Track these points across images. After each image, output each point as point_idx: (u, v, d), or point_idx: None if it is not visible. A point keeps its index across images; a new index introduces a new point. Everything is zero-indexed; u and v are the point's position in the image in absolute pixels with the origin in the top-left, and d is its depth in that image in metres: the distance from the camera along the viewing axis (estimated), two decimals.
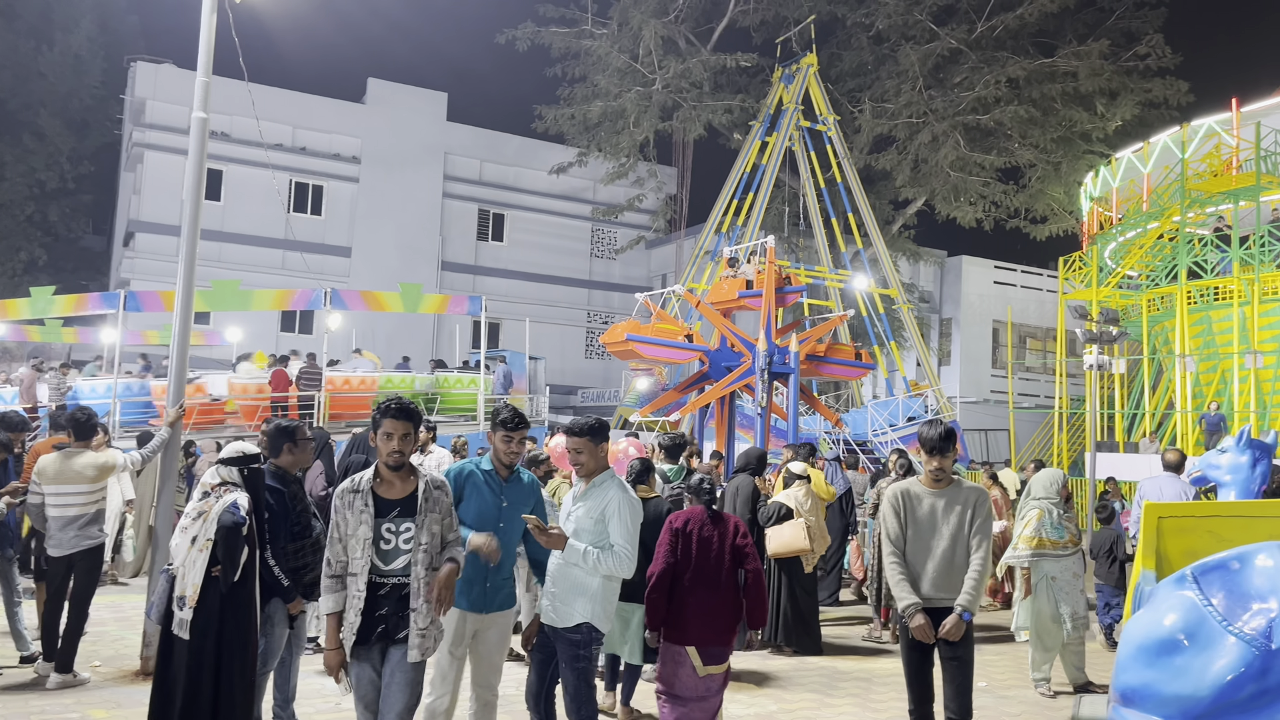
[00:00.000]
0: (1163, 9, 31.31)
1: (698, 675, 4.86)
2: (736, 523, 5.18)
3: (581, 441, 4.72)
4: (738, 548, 5.06)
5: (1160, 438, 22.98)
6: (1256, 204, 21.68)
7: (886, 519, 4.99)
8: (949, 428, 4.94)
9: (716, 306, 15.36)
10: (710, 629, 4.90)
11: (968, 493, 4.99)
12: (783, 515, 8.51)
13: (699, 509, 5.19)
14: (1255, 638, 3.41)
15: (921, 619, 4.79)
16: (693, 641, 4.88)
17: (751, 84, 33.78)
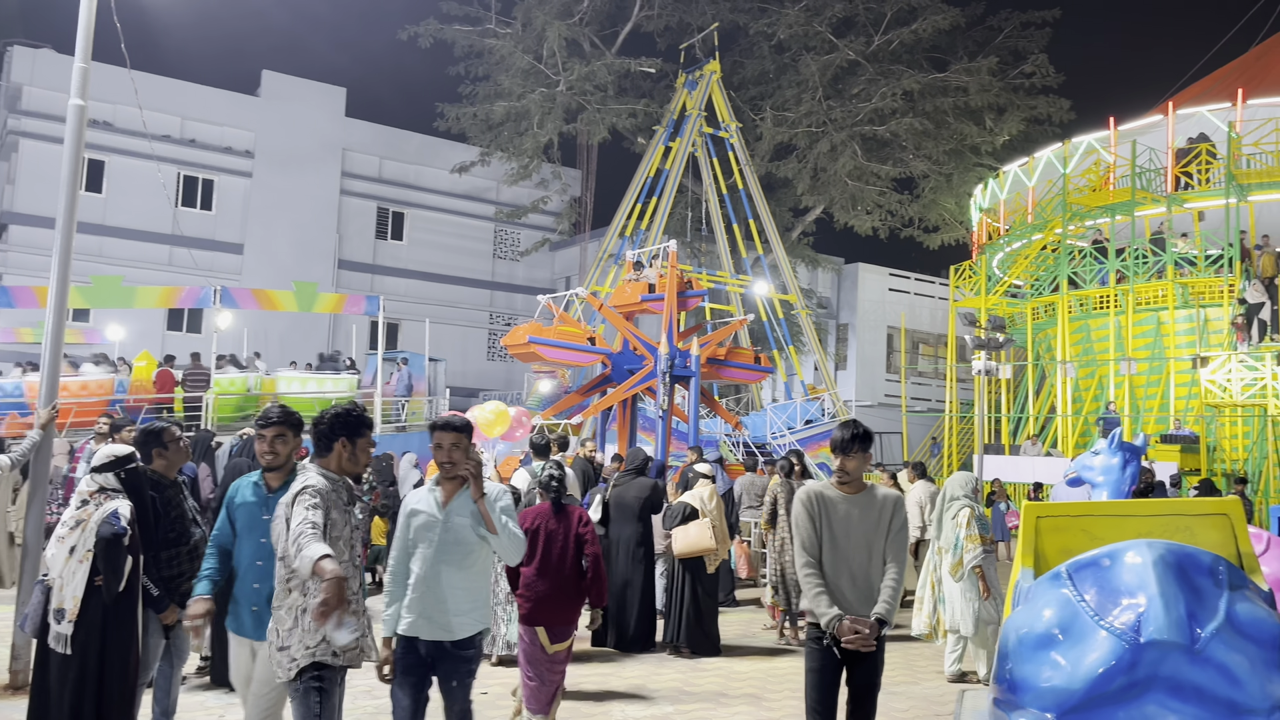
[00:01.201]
0: (1047, 30, 32.75)
1: (547, 652, 5.48)
2: (580, 514, 5.75)
3: (457, 436, 4.35)
4: (580, 536, 5.66)
5: (1043, 440, 23.98)
6: (1132, 219, 22.81)
7: (800, 523, 4.61)
8: (863, 429, 4.65)
9: (620, 310, 15.39)
10: (556, 611, 5.51)
11: (884, 499, 4.67)
12: (688, 515, 8.57)
13: (545, 505, 5.76)
14: (1125, 631, 3.57)
15: (848, 625, 4.39)
16: (542, 623, 5.47)
17: (655, 89, 34.01)
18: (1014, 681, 3.83)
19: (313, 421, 4.07)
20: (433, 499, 4.38)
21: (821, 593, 4.48)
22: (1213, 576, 3.65)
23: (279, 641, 3.85)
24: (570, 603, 5.58)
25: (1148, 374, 22.05)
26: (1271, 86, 22.75)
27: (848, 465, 4.62)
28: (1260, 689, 3.45)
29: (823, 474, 23.00)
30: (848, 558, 4.56)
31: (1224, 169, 21.33)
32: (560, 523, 5.67)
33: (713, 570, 8.54)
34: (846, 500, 4.64)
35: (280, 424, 4.38)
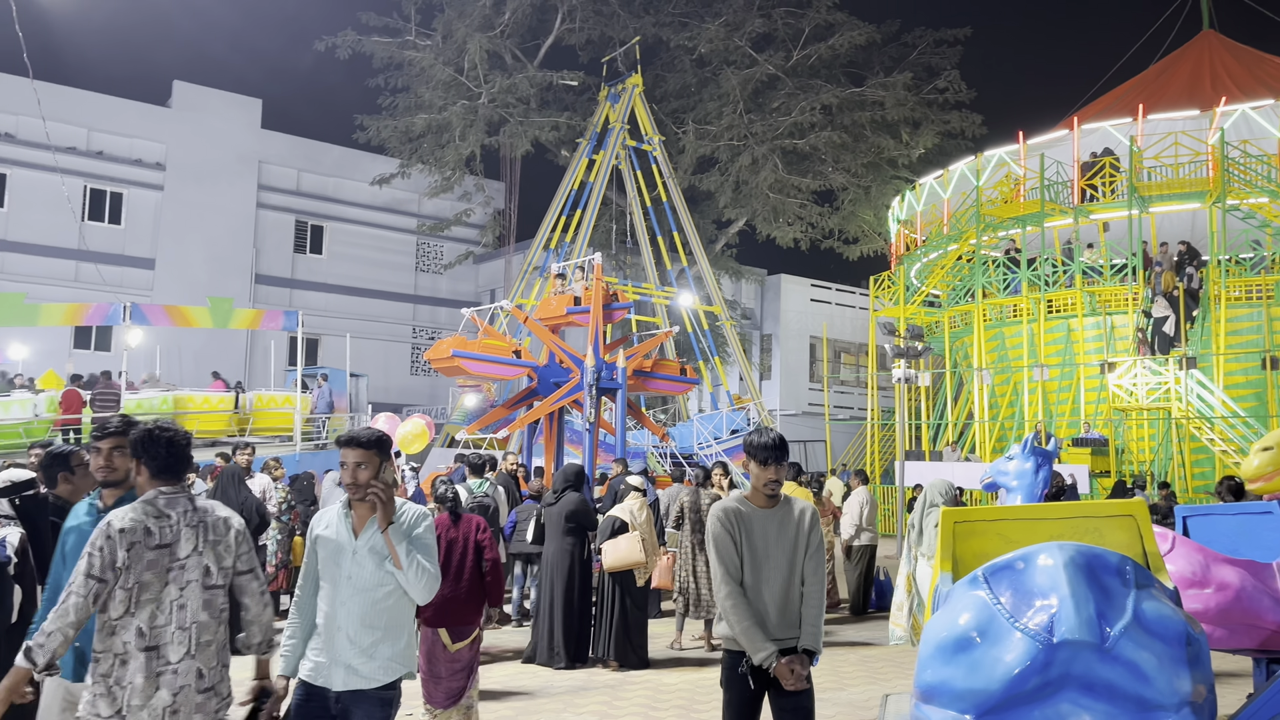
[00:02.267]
0: (959, 48, 33.74)
1: (449, 651, 5.88)
2: (478, 522, 6.22)
3: (365, 454, 3.76)
4: (478, 543, 6.14)
5: (961, 446, 24.57)
6: (1041, 229, 23.58)
7: (720, 544, 4.20)
8: (780, 435, 4.35)
9: (545, 322, 15.31)
10: (457, 613, 5.92)
11: (800, 511, 4.32)
12: (617, 529, 8.55)
13: (444, 516, 6.22)
14: (1039, 632, 3.66)
15: (785, 667, 4.05)
16: (443, 624, 5.88)
17: (578, 102, 34.06)
18: (933, 684, 3.89)
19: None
20: (344, 524, 3.79)
21: (753, 626, 4.07)
22: (1120, 576, 3.76)
23: (204, 683, 3.44)
24: (470, 605, 6.01)
25: (1059, 380, 22.76)
26: (1170, 102, 23.75)
27: (780, 475, 4.27)
28: (1168, 684, 3.56)
29: (749, 482, 23.21)
30: (768, 578, 4.19)
31: (1126, 181, 22.18)
32: (459, 531, 6.18)
33: (642, 583, 8.53)
34: (764, 515, 4.25)
35: (117, 435, 3.89)
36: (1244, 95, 22.91)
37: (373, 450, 3.76)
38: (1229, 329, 21.07)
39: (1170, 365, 20.09)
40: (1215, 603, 5.67)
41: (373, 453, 3.75)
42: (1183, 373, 19.96)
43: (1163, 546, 5.76)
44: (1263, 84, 23.82)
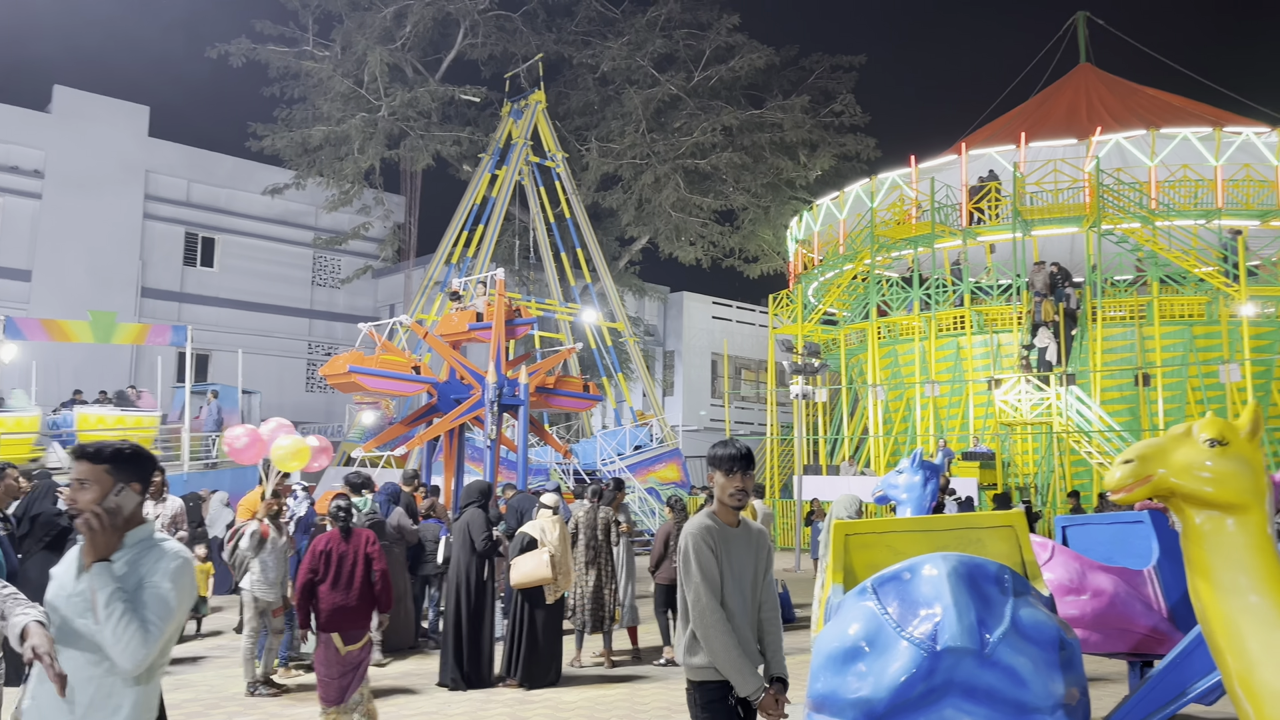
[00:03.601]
0: (854, 73, 34.78)
1: (340, 654, 6.46)
2: (368, 536, 6.84)
3: (92, 470, 2.92)
4: (368, 555, 6.75)
5: (858, 461, 25.17)
6: (932, 250, 24.43)
7: (706, 565, 3.95)
8: (746, 445, 4.13)
9: (446, 339, 15.13)
10: (347, 619, 6.54)
11: (759, 532, 4.19)
12: (526, 546, 8.48)
13: (335, 530, 6.84)
14: (923, 640, 3.77)
15: (771, 700, 3.99)
16: (336, 629, 6.49)
17: (481, 117, 33.87)
18: (824, 694, 3.97)
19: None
20: (76, 560, 2.90)
21: (741, 656, 3.93)
22: (999, 585, 3.91)
23: None
24: (360, 613, 6.61)
25: (949, 395, 23.55)
26: (1050, 131, 24.92)
27: (747, 485, 4.05)
28: (1043, 688, 3.71)
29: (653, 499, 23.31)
30: (736, 600, 4.05)
31: (1011, 205, 23.16)
32: (349, 545, 6.76)
33: (552, 601, 8.46)
34: (734, 535, 4.08)
35: None
36: (1118, 125, 24.19)
37: (104, 466, 2.91)
38: (1105, 347, 22.14)
39: (1052, 382, 21.00)
40: (1091, 608, 5.94)
41: (103, 469, 2.91)
42: (1063, 389, 20.88)
43: (1043, 555, 6.02)
44: (1135, 115, 25.19)
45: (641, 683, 8.82)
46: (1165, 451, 2.97)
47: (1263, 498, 2.90)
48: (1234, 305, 20.99)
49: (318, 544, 6.78)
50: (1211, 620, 2.91)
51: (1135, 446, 3.02)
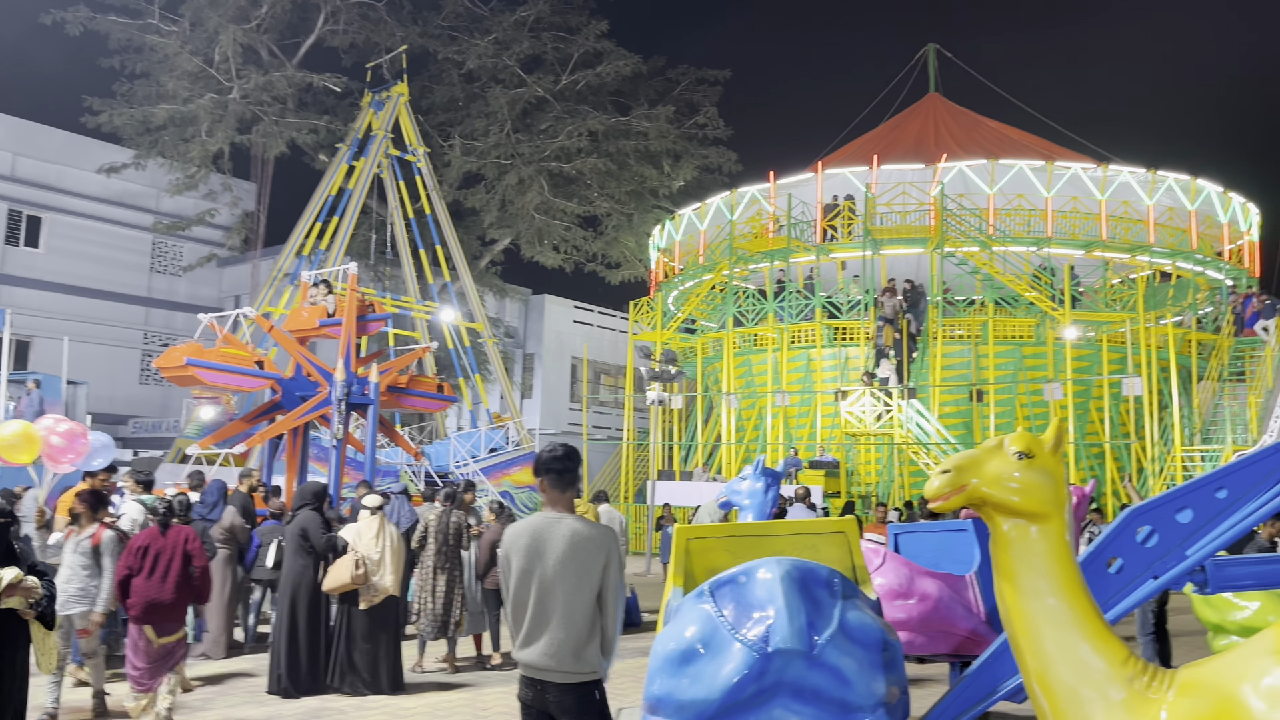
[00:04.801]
0: (719, 87, 35.51)
1: (154, 645, 6.76)
2: (187, 534, 7.10)
3: None
4: (187, 552, 7.01)
5: (710, 467, 25.64)
6: (787, 265, 25.16)
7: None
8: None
9: (295, 334, 14.56)
10: (160, 613, 6.81)
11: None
12: (342, 550, 8.23)
13: (154, 528, 7.06)
14: (756, 643, 3.87)
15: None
16: (149, 622, 6.76)
17: (340, 106, 32.85)
18: (660, 696, 4.02)
19: None
20: None
21: None
22: (829, 588, 4.05)
23: None
24: (174, 607, 6.87)
25: (799, 405, 24.30)
26: (900, 155, 26.06)
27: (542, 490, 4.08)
28: (866, 688, 3.86)
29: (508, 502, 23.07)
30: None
31: (862, 225, 24.11)
32: (166, 540, 7.00)
33: (365, 606, 8.20)
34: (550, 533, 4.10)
35: None
36: (962, 153, 25.52)
37: None
38: (943, 364, 23.30)
39: (894, 395, 21.96)
40: (918, 612, 6.23)
41: None
42: (904, 402, 21.87)
43: (874, 561, 6.27)
44: (977, 144, 26.64)
45: (484, 688, 8.72)
46: (979, 462, 3.13)
47: (1062, 508, 3.10)
48: (1059, 329, 22.45)
49: (136, 540, 7.02)
50: (1014, 621, 3.08)
51: (953, 457, 3.17)
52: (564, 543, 3.81)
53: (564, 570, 3.78)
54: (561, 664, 3.74)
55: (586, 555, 3.81)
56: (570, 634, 3.75)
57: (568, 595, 3.77)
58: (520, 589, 3.84)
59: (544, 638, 3.76)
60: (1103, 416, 22.55)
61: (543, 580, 3.80)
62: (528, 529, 3.90)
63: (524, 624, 3.83)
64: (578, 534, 3.83)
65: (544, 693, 3.79)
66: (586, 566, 3.80)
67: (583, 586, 3.79)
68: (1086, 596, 3.05)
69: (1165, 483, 21.06)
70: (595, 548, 3.84)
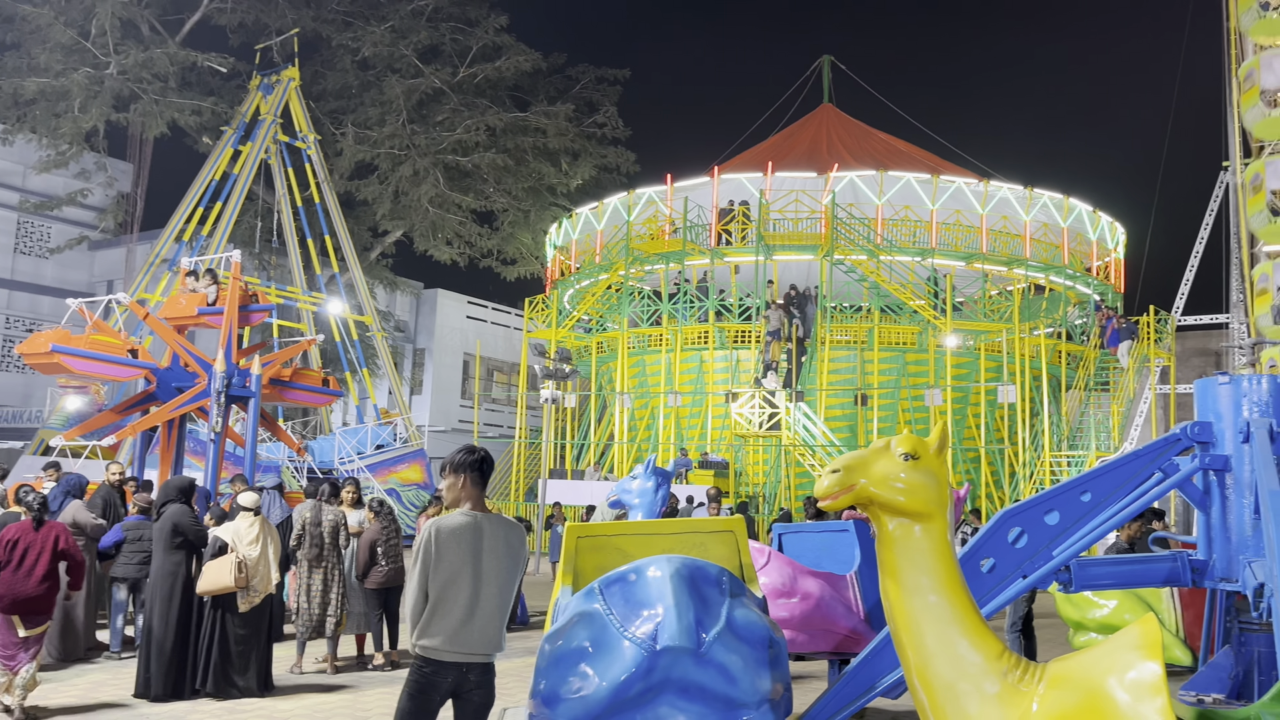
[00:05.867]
0: (618, 87, 35.61)
1: (19, 635, 6.91)
2: (59, 529, 7.22)
3: None
4: (59, 550, 7.14)
5: (602, 466, 25.67)
6: (682, 267, 25.39)
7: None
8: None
9: (173, 322, 13.95)
10: (26, 605, 6.92)
11: None
12: (219, 550, 7.90)
13: (27, 522, 7.16)
14: (644, 640, 3.87)
15: None
16: (17, 613, 6.89)
17: (226, 87, 31.64)
18: (547, 694, 3.99)
19: None
20: None
21: None
22: (718, 586, 4.09)
23: None
24: (42, 601, 6.97)
25: (691, 406, 24.54)
26: (793, 163, 26.58)
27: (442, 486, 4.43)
28: (751, 685, 3.91)
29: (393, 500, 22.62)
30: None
31: (756, 230, 24.52)
32: (38, 535, 7.08)
33: (245, 608, 7.90)
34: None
35: None
36: (854, 163, 26.20)
37: None
38: (830, 368, 23.88)
39: (782, 397, 22.40)
40: (800, 610, 6.35)
41: None
42: (792, 405, 22.33)
43: (759, 560, 6.37)
44: (869, 156, 27.40)
45: (365, 689, 8.51)
46: (866, 463, 3.21)
47: (945, 508, 3.20)
48: (940, 337, 23.28)
49: (6, 533, 7.05)
50: (897, 617, 3.17)
51: (841, 458, 3.24)
52: (500, 539, 4.15)
53: (501, 564, 4.13)
54: (488, 647, 4.11)
55: (516, 550, 4.20)
56: (501, 621, 4.14)
57: (502, 587, 4.13)
58: (454, 581, 4.05)
59: (480, 625, 4.06)
60: (979, 422, 23.48)
61: (482, 573, 4.08)
62: (466, 525, 4.13)
63: (454, 614, 4.03)
64: (510, 531, 4.20)
65: (467, 674, 4.08)
66: (516, 560, 4.20)
67: (513, 579, 4.18)
68: (966, 594, 3.16)
69: (1035, 486, 22.06)
70: (521, 543, 4.24)
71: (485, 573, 4.08)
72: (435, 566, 4.05)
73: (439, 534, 4.08)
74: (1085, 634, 9.91)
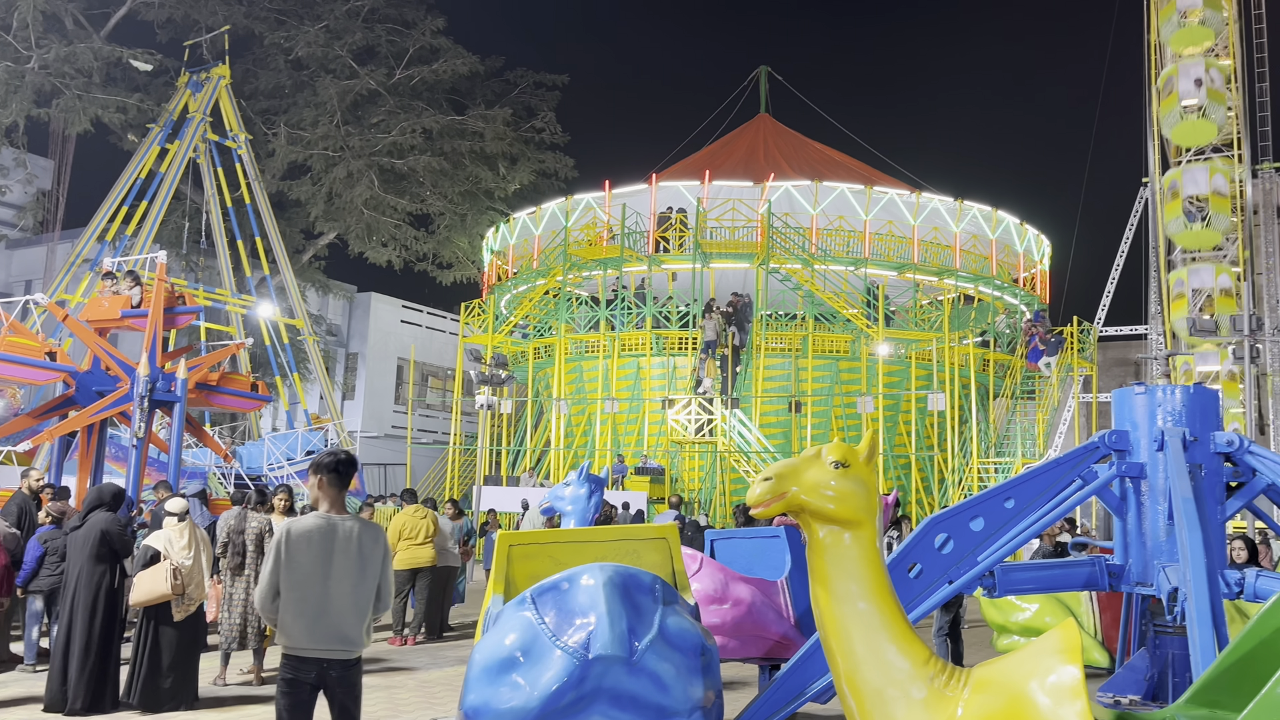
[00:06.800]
0: (556, 93, 35.53)
1: None
2: None
3: None
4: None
5: (538, 472, 25.53)
6: (620, 273, 25.42)
7: None
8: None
9: (94, 324, 13.53)
10: None
11: None
12: (151, 559, 7.67)
13: None
14: (576, 649, 3.86)
15: None
16: None
17: (153, 84, 30.80)
18: (477, 705, 3.95)
19: None
20: None
21: None
22: (651, 594, 4.09)
23: None
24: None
25: (628, 412, 24.57)
26: (730, 172, 26.78)
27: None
28: (683, 693, 3.92)
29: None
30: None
31: (693, 238, 24.65)
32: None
33: (180, 617, 7.70)
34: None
35: None
36: (790, 173, 26.51)
37: None
38: (765, 375, 24.10)
39: (718, 405, 22.55)
40: (731, 617, 6.39)
41: None
42: (728, 411, 22.49)
43: (692, 567, 6.39)
44: (805, 165, 27.74)
45: None
46: (798, 471, 3.24)
47: (874, 515, 3.25)
48: (872, 345, 23.66)
49: None
50: (826, 624, 3.21)
51: (773, 466, 3.27)
52: (353, 541, 4.36)
53: (354, 564, 4.33)
54: (346, 645, 4.30)
55: (369, 551, 4.40)
56: (357, 619, 4.33)
57: (355, 586, 4.32)
58: (306, 580, 4.26)
59: (333, 623, 4.27)
60: (910, 429, 23.90)
61: (332, 573, 4.29)
62: (318, 526, 4.34)
63: (308, 612, 4.25)
64: (365, 531, 4.42)
65: (328, 670, 4.29)
66: (370, 561, 4.39)
67: (366, 578, 4.37)
68: (894, 601, 3.21)
69: (964, 492, 22.53)
70: (375, 543, 4.44)
71: (336, 573, 4.28)
72: (286, 566, 4.25)
73: (290, 535, 4.31)
74: (1009, 637, 10.15)
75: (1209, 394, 5.32)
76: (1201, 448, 5.11)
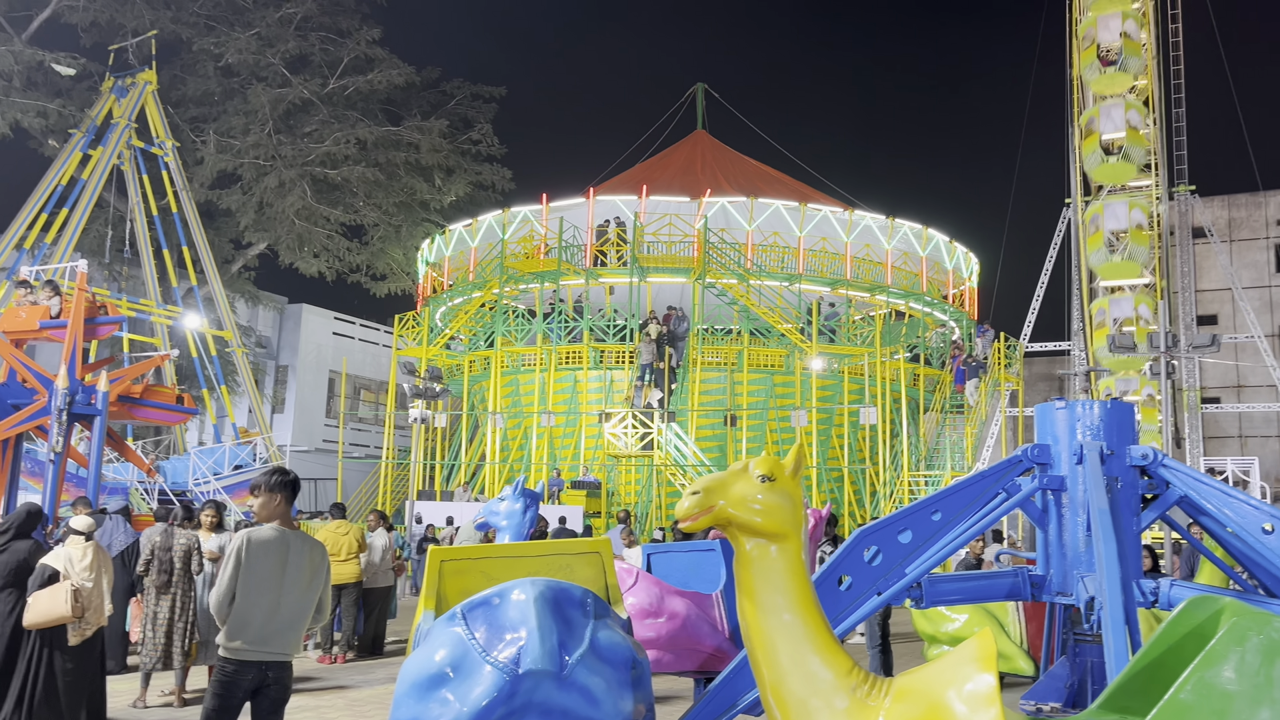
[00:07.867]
0: (493, 104, 35.42)
1: None
2: None
3: None
4: None
5: (473, 487, 25.30)
6: (557, 286, 25.37)
7: None
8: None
9: (11, 335, 13.12)
10: None
11: None
12: (49, 579, 7.34)
13: None
14: (506, 664, 3.83)
15: None
16: None
17: (76, 89, 29.98)
18: None
19: None
20: None
21: None
22: (582, 608, 4.09)
23: None
24: None
25: (564, 426, 24.50)
26: (667, 187, 26.95)
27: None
28: (614, 707, 3.92)
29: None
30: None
31: (630, 252, 24.74)
32: None
33: (77, 641, 7.34)
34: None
35: None
36: (727, 188, 26.77)
37: None
38: (701, 389, 24.25)
39: (656, 418, 22.61)
40: (667, 630, 6.41)
41: None
42: (664, 425, 22.57)
43: (627, 580, 6.40)
44: (741, 181, 28.04)
45: None
46: (725, 485, 3.27)
47: (799, 528, 3.29)
48: (806, 359, 23.97)
49: None
50: (753, 636, 3.24)
51: (701, 480, 3.31)
52: (304, 555, 4.75)
53: (302, 577, 4.71)
54: (288, 649, 4.72)
55: (317, 565, 4.81)
56: (300, 626, 4.75)
57: (300, 596, 4.71)
58: (260, 588, 4.59)
59: (280, 629, 4.64)
60: (843, 443, 24.24)
61: (284, 584, 4.65)
62: (275, 539, 4.69)
63: (257, 618, 4.58)
64: (312, 549, 4.81)
65: (266, 672, 4.62)
66: (317, 573, 4.79)
67: (313, 589, 4.78)
68: (818, 612, 3.25)
69: (895, 504, 22.89)
70: (322, 559, 4.85)
71: (288, 584, 4.66)
72: (245, 572, 4.58)
73: (250, 544, 4.62)
74: (939, 647, 10.33)
75: (1125, 408, 5.50)
76: (1118, 461, 5.27)
